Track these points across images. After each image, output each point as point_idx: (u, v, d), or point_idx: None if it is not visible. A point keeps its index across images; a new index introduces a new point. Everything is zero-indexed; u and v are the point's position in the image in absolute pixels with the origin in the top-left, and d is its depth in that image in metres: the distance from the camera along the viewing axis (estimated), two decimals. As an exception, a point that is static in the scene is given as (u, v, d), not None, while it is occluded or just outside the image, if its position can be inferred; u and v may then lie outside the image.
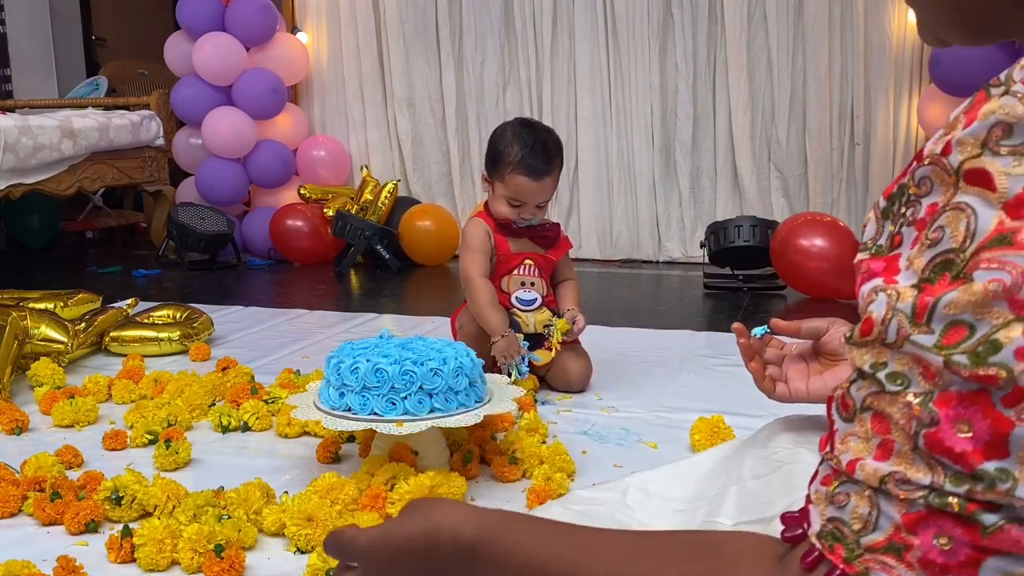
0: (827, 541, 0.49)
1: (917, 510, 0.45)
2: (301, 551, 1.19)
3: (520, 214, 1.89)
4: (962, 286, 0.44)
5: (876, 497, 0.47)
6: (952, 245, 0.45)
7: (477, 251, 1.89)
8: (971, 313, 0.43)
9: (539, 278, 1.94)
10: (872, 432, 0.47)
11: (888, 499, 0.46)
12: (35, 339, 2.04)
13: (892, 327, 0.46)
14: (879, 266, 0.50)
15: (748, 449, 0.96)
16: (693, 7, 3.54)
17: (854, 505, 0.48)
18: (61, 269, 3.89)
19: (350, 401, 1.35)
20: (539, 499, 1.30)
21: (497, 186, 1.89)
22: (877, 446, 0.47)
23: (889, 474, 0.46)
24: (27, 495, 1.33)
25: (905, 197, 0.50)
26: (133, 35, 5.67)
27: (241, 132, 3.81)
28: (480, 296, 1.85)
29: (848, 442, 0.49)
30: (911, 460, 0.45)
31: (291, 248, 3.73)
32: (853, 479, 0.48)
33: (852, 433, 0.49)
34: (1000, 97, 0.45)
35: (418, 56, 3.93)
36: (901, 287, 0.47)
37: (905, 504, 0.45)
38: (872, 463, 0.47)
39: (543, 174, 1.86)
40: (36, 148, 3.24)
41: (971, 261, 0.44)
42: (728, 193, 3.64)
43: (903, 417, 0.46)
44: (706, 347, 2.28)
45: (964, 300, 0.44)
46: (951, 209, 0.46)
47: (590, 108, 3.72)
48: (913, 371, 0.46)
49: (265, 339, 2.43)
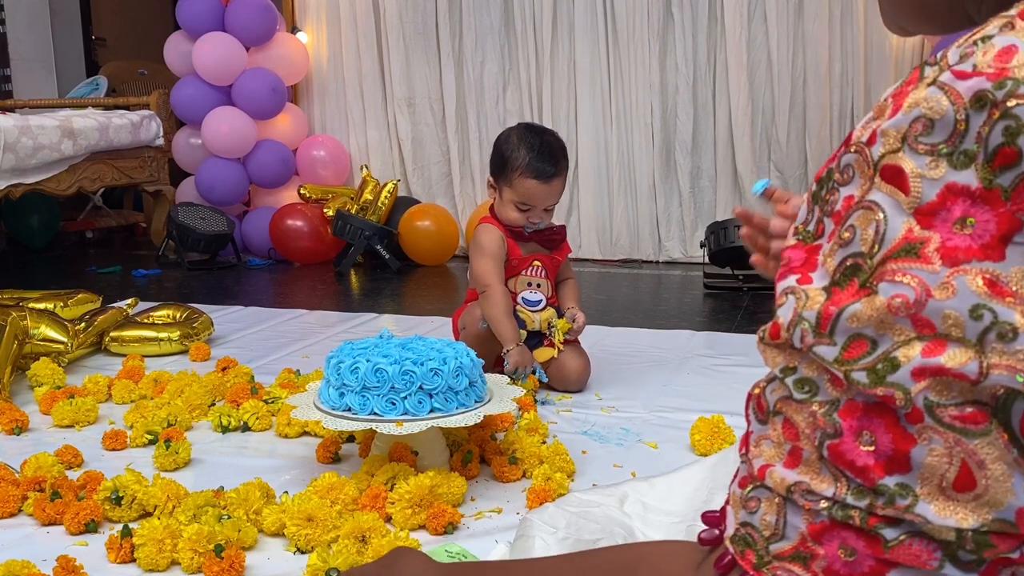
0: (739, 546, 0.49)
1: (821, 520, 0.45)
2: (301, 551, 1.19)
3: (529, 218, 1.88)
4: (866, 298, 0.43)
5: (784, 505, 0.47)
6: (861, 249, 0.44)
7: (494, 256, 1.88)
8: (874, 328, 0.43)
9: (545, 279, 1.94)
10: (783, 437, 0.47)
11: (795, 508, 0.46)
12: (35, 339, 2.04)
13: (797, 334, 0.46)
14: (799, 257, 0.49)
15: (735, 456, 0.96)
16: (693, 7, 3.54)
17: (763, 512, 0.48)
18: (61, 269, 3.89)
19: (350, 401, 1.35)
20: (539, 499, 1.30)
21: (505, 191, 1.89)
22: (788, 452, 0.47)
23: (796, 483, 0.46)
24: (27, 495, 1.33)
25: (831, 183, 0.49)
26: (133, 35, 5.67)
27: (241, 132, 3.81)
28: (497, 306, 1.84)
29: (761, 445, 0.49)
30: (817, 470, 0.45)
31: (291, 248, 3.73)
32: (764, 484, 0.48)
33: (765, 436, 0.49)
34: (928, 86, 0.44)
35: (418, 56, 3.93)
36: (812, 290, 0.46)
37: (810, 515, 0.45)
38: (781, 470, 0.47)
39: (551, 176, 1.86)
40: (36, 148, 3.24)
41: (878, 270, 0.43)
42: (728, 193, 3.64)
43: (808, 426, 0.45)
44: (706, 347, 2.28)
45: (867, 314, 0.43)
46: (863, 208, 0.45)
47: (590, 108, 3.72)
48: (822, 378, 0.45)
49: (265, 339, 2.43)
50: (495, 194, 1.92)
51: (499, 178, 1.90)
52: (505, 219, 1.91)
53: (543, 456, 1.45)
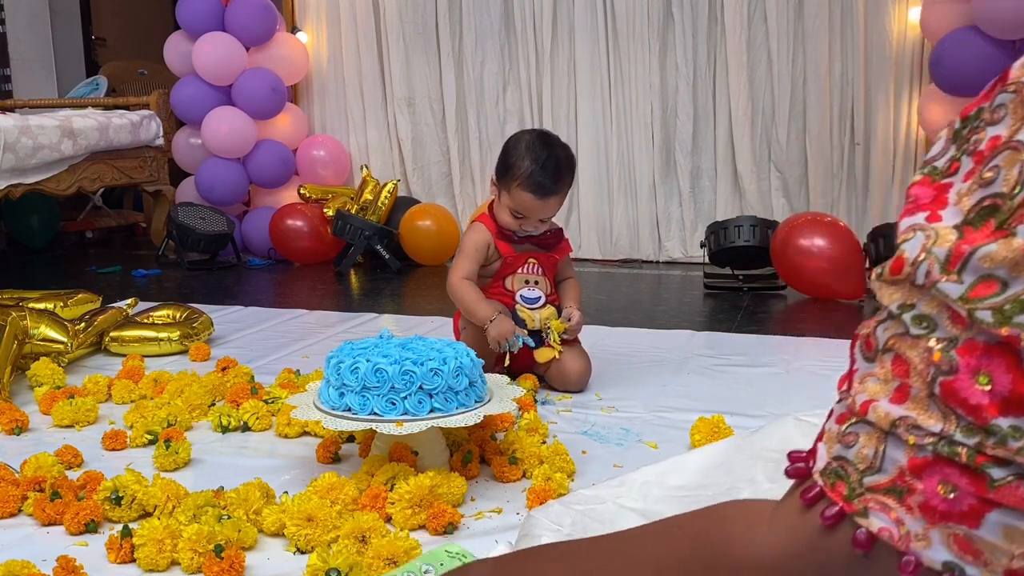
0: (829, 479, 0.48)
1: (924, 455, 0.44)
2: (301, 551, 1.19)
3: (522, 225, 1.89)
4: (1002, 239, 0.41)
5: (885, 439, 0.45)
6: (1003, 189, 0.42)
7: (468, 257, 1.90)
8: (1007, 269, 0.41)
9: (543, 276, 1.94)
10: (891, 374, 0.46)
11: (897, 442, 0.45)
12: (35, 339, 2.04)
13: (922, 269, 0.44)
14: (927, 195, 0.47)
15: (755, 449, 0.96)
16: (693, 7, 3.54)
17: (861, 445, 0.46)
18: (61, 269, 3.89)
19: (350, 401, 1.35)
20: (539, 499, 1.30)
21: (503, 195, 1.89)
22: (895, 389, 0.46)
23: (901, 418, 0.45)
24: (27, 495, 1.33)
25: (978, 122, 0.46)
26: (133, 35, 5.67)
27: (241, 132, 3.81)
28: (466, 295, 1.86)
29: (866, 382, 0.47)
30: (925, 406, 0.44)
31: (291, 248, 3.73)
32: (865, 420, 0.47)
33: (871, 374, 0.47)
34: None
35: (418, 56, 3.93)
36: (941, 228, 0.44)
37: (913, 449, 0.44)
38: (886, 405, 0.46)
39: (549, 194, 1.84)
40: (36, 148, 3.24)
41: (1018, 212, 0.41)
42: (728, 193, 3.64)
43: (922, 362, 0.44)
44: (706, 347, 2.28)
45: (1001, 255, 0.41)
46: (1010, 148, 0.42)
47: (590, 108, 3.72)
48: (941, 315, 0.44)
49: (265, 339, 2.43)
50: (496, 193, 1.93)
51: (501, 180, 1.90)
52: (500, 220, 1.92)
53: (543, 456, 1.44)
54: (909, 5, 3.31)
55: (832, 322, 2.58)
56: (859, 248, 2.86)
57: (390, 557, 1.11)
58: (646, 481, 0.98)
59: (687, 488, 0.95)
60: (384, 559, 1.11)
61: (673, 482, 0.97)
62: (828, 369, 2.04)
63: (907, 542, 0.44)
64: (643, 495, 0.97)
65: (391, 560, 1.11)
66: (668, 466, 1.00)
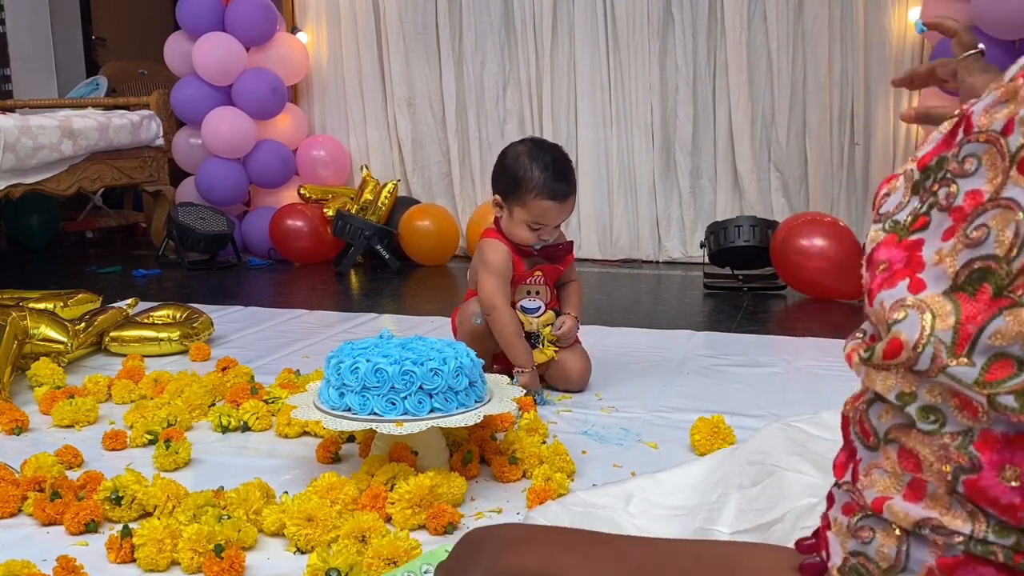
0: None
1: (955, 555, 0.40)
2: (301, 551, 1.19)
3: (540, 236, 1.85)
4: (1008, 312, 0.38)
5: (907, 538, 0.42)
6: (995, 252, 0.39)
7: (501, 276, 1.86)
8: (1020, 346, 0.37)
9: (544, 285, 1.94)
10: (900, 468, 0.42)
11: (921, 541, 0.41)
12: (35, 339, 2.04)
13: (926, 354, 0.40)
14: (899, 258, 0.43)
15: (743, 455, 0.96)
16: (693, 7, 3.54)
17: (880, 543, 0.43)
18: (61, 269, 3.89)
19: (350, 401, 1.35)
20: (539, 499, 1.30)
21: (516, 211, 1.84)
22: (907, 484, 0.42)
23: (924, 519, 0.41)
24: (27, 495, 1.33)
25: (942, 173, 0.43)
26: (133, 35, 5.66)
27: (241, 132, 3.81)
28: (508, 329, 1.83)
29: (872, 475, 0.44)
30: (947, 505, 0.40)
31: (291, 248, 3.73)
32: (879, 517, 0.43)
33: (876, 464, 0.43)
34: None
35: (418, 56, 3.93)
36: (933, 299, 0.40)
37: (941, 548, 0.41)
38: (902, 504, 0.42)
39: (567, 196, 1.82)
40: (36, 148, 3.24)
41: (1019, 279, 0.38)
42: (728, 193, 3.64)
43: (938, 460, 0.40)
44: (706, 347, 2.28)
45: (1013, 331, 0.37)
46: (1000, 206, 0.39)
47: (590, 108, 3.72)
48: (948, 404, 0.40)
49: (265, 339, 2.43)
50: (502, 212, 1.88)
51: (509, 197, 1.84)
52: (514, 237, 1.87)
53: (543, 456, 1.45)
54: (909, 5, 3.31)
55: (832, 322, 2.58)
56: (859, 248, 2.86)
57: (390, 557, 1.11)
58: (646, 499, 0.98)
59: (683, 508, 0.95)
60: (384, 559, 1.11)
61: (671, 502, 0.97)
62: (828, 369, 2.04)
63: None
64: (642, 511, 0.97)
65: (391, 560, 1.11)
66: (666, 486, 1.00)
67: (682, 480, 1.00)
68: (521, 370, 1.83)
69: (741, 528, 0.87)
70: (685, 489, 0.98)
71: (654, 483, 1.01)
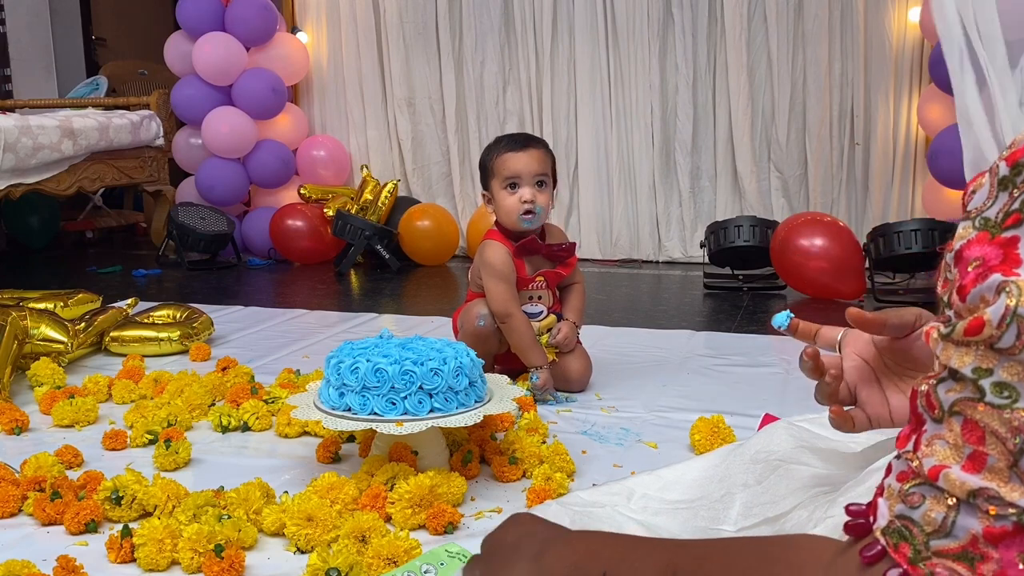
0: (892, 538, 0.46)
1: (1004, 525, 0.42)
2: (301, 551, 1.19)
3: (522, 198, 1.85)
4: None
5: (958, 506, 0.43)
6: None
7: (507, 280, 1.87)
8: None
9: (546, 290, 1.94)
10: (963, 440, 0.43)
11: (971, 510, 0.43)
12: (35, 339, 2.04)
13: (1010, 333, 0.41)
14: (995, 255, 0.44)
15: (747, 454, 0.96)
16: (693, 7, 3.54)
17: (928, 508, 0.44)
18: (61, 269, 3.89)
19: (350, 401, 1.35)
20: (539, 499, 1.30)
21: (493, 186, 1.89)
22: (968, 456, 0.43)
23: (980, 489, 0.42)
24: (27, 495, 1.33)
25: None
26: (133, 35, 5.67)
27: (241, 132, 3.81)
28: (525, 335, 1.85)
29: (934, 445, 0.45)
30: (1006, 478, 0.42)
31: (291, 248, 3.74)
32: (934, 485, 0.44)
33: (939, 436, 0.45)
34: None
35: (418, 56, 3.93)
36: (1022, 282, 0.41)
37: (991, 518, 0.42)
38: (960, 474, 0.43)
39: (525, 145, 1.88)
40: (36, 148, 3.24)
41: None
42: (728, 193, 3.64)
43: (1007, 431, 0.42)
44: (706, 347, 2.28)
45: None
46: None
47: (590, 108, 3.72)
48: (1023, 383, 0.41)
49: (265, 339, 2.43)
50: (491, 204, 1.93)
51: (488, 178, 1.92)
52: (506, 218, 1.88)
53: (543, 456, 1.45)
54: (909, 5, 3.31)
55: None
56: (859, 248, 2.86)
57: (390, 557, 1.11)
58: (645, 494, 0.98)
59: (684, 502, 0.95)
60: (384, 559, 1.11)
61: (671, 496, 0.97)
62: (828, 369, 2.04)
63: None
64: (642, 507, 0.97)
65: (391, 560, 1.11)
66: (666, 481, 1.00)
67: (683, 475, 1.00)
68: (538, 368, 1.84)
69: (747, 524, 0.87)
70: (686, 484, 0.98)
71: (655, 479, 1.01)
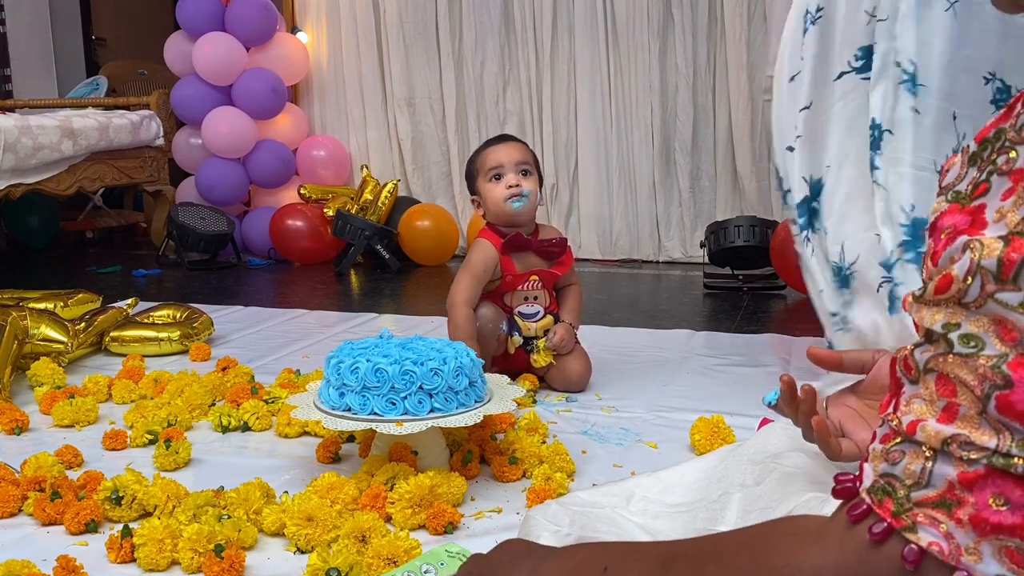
0: (876, 496, 0.48)
1: (976, 469, 0.44)
2: (301, 551, 1.19)
3: (507, 185, 1.87)
4: None
5: (935, 456, 0.46)
6: None
7: (474, 276, 1.87)
8: None
9: (542, 290, 1.93)
10: (936, 394, 0.46)
11: (947, 458, 0.45)
12: (35, 339, 2.04)
13: (975, 285, 0.44)
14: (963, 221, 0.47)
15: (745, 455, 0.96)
16: (693, 7, 3.54)
17: (908, 462, 0.47)
18: (61, 269, 3.89)
19: (350, 401, 1.36)
20: (539, 499, 1.30)
21: (479, 182, 1.93)
22: (942, 409, 0.46)
23: (952, 436, 0.45)
24: (27, 495, 1.33)
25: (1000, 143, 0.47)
26: (133, 35, 5.67)
27: (241, 132, 3.81)
28: (461, 329, 1.81)
29: (912, 403, 0.48)
30: (976, 424, 0.44)
31: (291, 248, 3.74)
32: (912, 439, 0.47)
33: (916, 395, 0.48)
34: None
35: (418, 56, 3.93)
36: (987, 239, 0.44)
37: (964, 463, 0.44)
38: (934, 424, 0.46)
39: (504, 139, 1.98)
40: (36, 148, 3.24)
41: None
42: (728, 193, 3.64)
43: (975, 379, 0.44)
44: (706, 347, 2.28)
45: None
46: None
47: (590, 108, 3.72)
48: (988, 333, 0.44)
49: (265, 339, 2.43)
50: (479, 205, 1.96)
51: (472, 184, 1.97)
52: (494, 206, 1.90)
53: (543, 456, 1.45)
54: (909, 5, 3.31)
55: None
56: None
57: (390, 557, 1.11)
58: (645, 497, 0.99)
59: (684, 505, 0.96)
60: (384, 559, 1.11)
61: (671, 499, 0.97)
62: (828, 369, 2.04)
63: (957, 556, 0.44)
64: (642, 510, 0.97)
65: (391, 560, 1.11)
66: (666, 484, 1.00)
67: (683, 478, 1.00)
68: None
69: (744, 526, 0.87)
70: (685, 486, 0.98)
71: (654, 481, 1.01)
